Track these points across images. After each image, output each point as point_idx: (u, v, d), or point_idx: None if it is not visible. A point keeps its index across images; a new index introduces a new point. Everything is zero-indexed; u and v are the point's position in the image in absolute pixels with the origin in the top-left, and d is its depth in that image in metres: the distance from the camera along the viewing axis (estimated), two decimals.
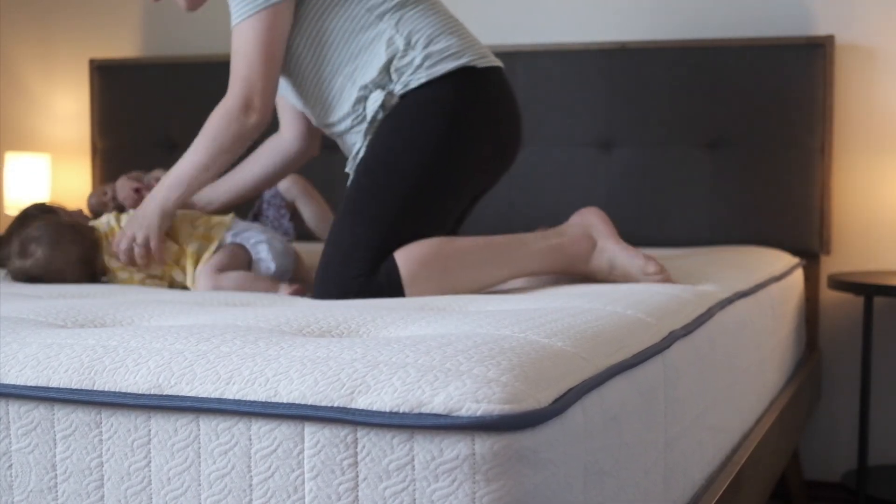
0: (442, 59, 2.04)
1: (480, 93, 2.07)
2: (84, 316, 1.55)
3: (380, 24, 2.06)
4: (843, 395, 3.09)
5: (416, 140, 2.01)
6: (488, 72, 2.10)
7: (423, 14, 2.08)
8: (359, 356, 1.13)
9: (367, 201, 1.98)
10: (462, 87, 2.04)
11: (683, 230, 3.04)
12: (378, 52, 2.05)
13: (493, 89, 2.10)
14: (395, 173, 1.99)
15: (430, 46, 2.05)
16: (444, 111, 2.02)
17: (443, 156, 2.01)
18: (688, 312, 1.70)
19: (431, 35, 2.06)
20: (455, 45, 2.07)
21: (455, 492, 1.01)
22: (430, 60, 2.04)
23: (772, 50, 2.98)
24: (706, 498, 1.63)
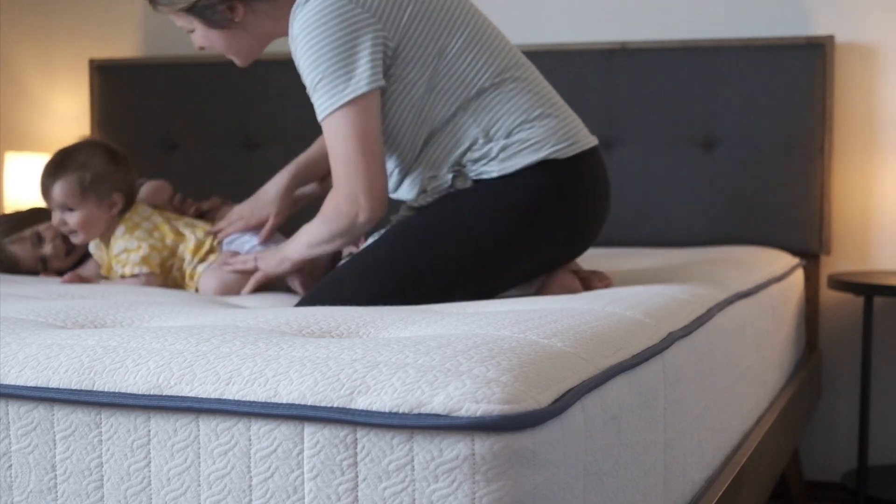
0: (519, 151, 1.89)
1: (558, 189, 1.89)
2: (84, 316, 1.55)
3: (458, 115, 1.91)
4: (843, 395, 3.09)
5: (471, 230, 1.87)
6: (573, 161, 1.92)
7: (506, 100, 1.92)
8: (358, 357, 1.13)
9: (387, 259, 1.88)
10: (537, 184, 1.87)
11: (683, 230, 3.04)
12: (454, 143, 1.92)
13: (577, 181, 1.92)
14: (432, 253, 1.87)
15: (510, 138, 1.89)
16: (510, 211, 1.87)
17: (490, 256, 1.87)
18: (687, 313, 1.70)
19: (511, 125, 1.90)
20: (537, 135, 1.89)
21: (455, 492, 1.01)
22: (505, 153, 1.89)
23: (772, 50, 2.97)
24: (706, 498, 1.63)
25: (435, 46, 1.90)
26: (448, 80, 1.91)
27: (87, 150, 2.30)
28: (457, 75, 1.91)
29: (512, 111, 1.91)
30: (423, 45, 1.89)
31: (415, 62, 1.89)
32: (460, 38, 1.92)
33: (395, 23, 1.86)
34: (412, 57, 1.89)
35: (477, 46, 1.94)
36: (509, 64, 1.97)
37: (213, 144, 3.46)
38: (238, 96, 3.41)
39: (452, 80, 1.91)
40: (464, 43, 1.92)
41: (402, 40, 1.88)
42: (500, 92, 1.93)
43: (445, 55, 1.90)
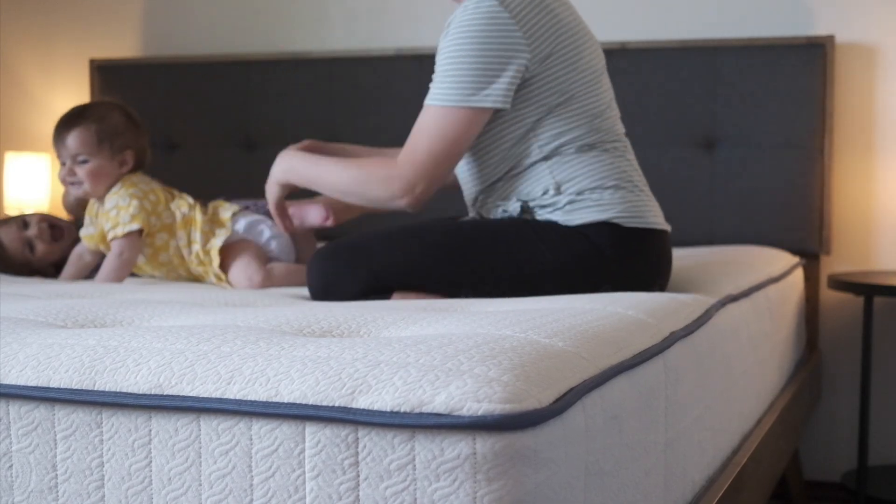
0: (585, 207, 1.90)
1: (616, 251, 1.89)
2: (84, 316, 1.55)
3: (541, 162, 1.93)
4: (843, 395, 3.09)
5: (518, 254, 1.88)
6: (637, 232, 1.92)
7: (588, 163, 1.93)
8: (360, 356, 1.13)
9: (446, 255, 1.90)
10: (597, 240, 1.89)
11: (683, 230, 3.04)
12: (528, 185, 1.93)
13: (636, 249, 1.91)
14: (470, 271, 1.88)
15: (580, 195, 1.91)
16: (562, 251, 1.88)
17: (522, 283, 1.87)
18: (688, 313, 1.70)
19: (584, 187, 1.91)
20: (606, 199, 1.91)
21: (456, 491, 1.01)
22: (571, 206, 1.90)
23: (772, 50, 2.98)
24: (707, 498, 1.63)
25: (558, 95, 1.91)
26: (549, 129, 1.92)
27: (105, 106, 2.37)
28: (558, 129, 1.92)
29: (589, 175, 1.92)
30: (551, 88, 1.90)
31: (535, 101, 1.91)
32: (583, 96, 1.94)
33: (539, 56, 1.88)
34: (536, 95, 1.90)
35: (591, 109, 1.95)
36: (608, 136, 1.98)
37: (213, 144, 3.46)
38: (238, 96, 3.41)
39: (553, 131, 1.92)
40: (582, 103, 1.94)
41: (535, 76, 1.89)
42: (588, 155, 1.93)
43: (561, 107, 1.92)
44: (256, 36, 3.50)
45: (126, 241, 2.25)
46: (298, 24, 3.46)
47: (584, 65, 1.94)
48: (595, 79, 1.97)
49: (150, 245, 2.31)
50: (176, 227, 2.31)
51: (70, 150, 2.29)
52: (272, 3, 3.50)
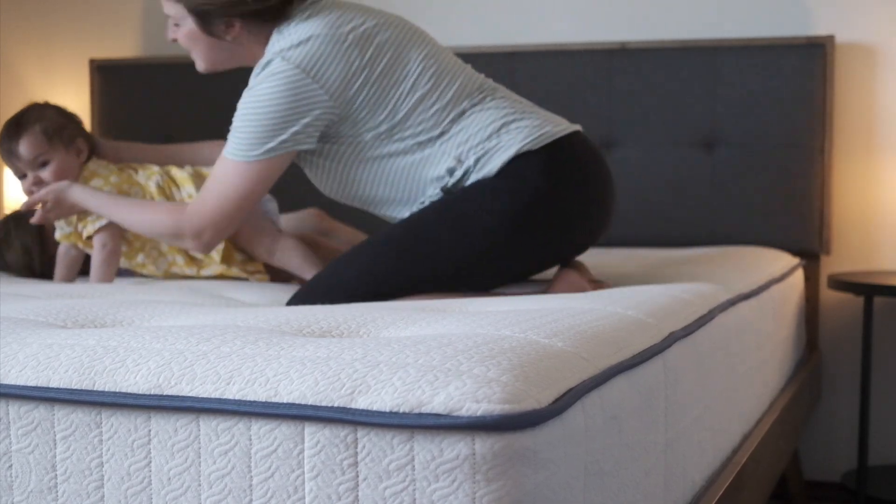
0: (491, 155, 1.94)
1: (542, 178, 1.92)
2: (84, 316, 1.55)
3: (425, 151, 1.97)
4: (843, 395, 3.09)
5: (464, 224, 1.92)
6: (549, 148, 1.95)
7: (468, 125, 1.97)
8: (359, 356, 1.13)
9: (390, 253, 1.93)
10: (520, 178, 1.92)
11: (683, 230, 3.04)
12: (432, 174, 1.97)
13: (558, 163, 1.95)
14: (429, 244, 1.92)
15: (480, 148, 1.94)
16: (498, 205, 1.91)
17: (486, 247, 1.91)
18: (688, 313, 1.70)
19: (479, 140, 1.95)
20: (505, 138, 1.94)
21: (455, 492, 1.01)
22: (480, 162, 1.93)
23: (772, 50, 2.98)
24: (706, 498, 1.63)
25: (387, 109, 1.97)
26: (410, 128, 1.97)
27: (36, 108, 2.37)
28: (418, 124, 1.97)
29: (477, 132, 1.96)
30: (375, 109, 1.96)
31: (365, 125, 1.97)
32: (413, 94, 1.98)
33: (342, 95, 1.94)
34: (363, 119, 1.96)
35: (435, 94, 1.99)
36: (468, 95, 2.01)
37: None
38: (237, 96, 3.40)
39: (415, 128, 1.97)
40: (418, 98, 1.98)
41: (350, 107, 1.95)
42: (464, 121, 1.97)
43: (398, 111, 1.97)
44: None
45: (105, 233, 2.24)
46: None
47: (411, 69, 1.99)
48: (427, 68, 2.00)
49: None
50: (153, 195, 2.30)
51: (26, 158, 2.27)
52: None
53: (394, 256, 1.93)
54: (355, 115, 1.96)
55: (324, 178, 2.05)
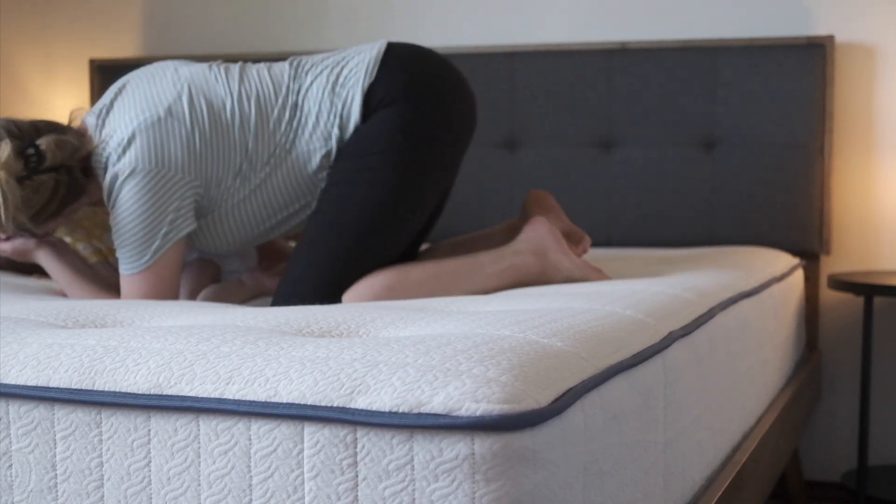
0: (350, 112, 2.01)
1: (406, 96, 2.00)
2: (84, 316, 1.55)
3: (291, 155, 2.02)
4: (843, 395, 3.09)
5: (365, 176, 1.98)
6: (387, 69, 2.02)
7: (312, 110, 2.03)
8: (358, 356, 1.13)
9: (319, 234, 1.97)
10: (382, 108, 2.00)
11: (683, 230, 3.04)
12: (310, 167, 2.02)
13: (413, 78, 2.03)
14: (346, 209, 1.97)
15: (338, 119, 2.01)
16: (383, 140, 1.98)
17: (395, 181, 1.97)
18: (688, 313, 1.70)
19: (330, 115, 2.01)
20: (345, 92, 2.01)
21: (454, 492, 1.01)
22: (343, 124, 2.01)
23: (772, 50, 2.98)
24: (706, 498, 1.63)
25: (237, 150, 2.00)
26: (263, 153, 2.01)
27: None
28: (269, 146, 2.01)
29: (317, 113, 2.01)
30: (227, 158, 1.99)
31: (228, 176, 1.99)
32: (247, 122, 2.01)
33: (192, 167, 1.96)
34: (223, 174, 1.99)
35: (264, 111, 2.03)
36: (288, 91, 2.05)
37: None
38: None
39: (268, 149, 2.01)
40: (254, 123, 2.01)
41: (206, 172, 1.98)
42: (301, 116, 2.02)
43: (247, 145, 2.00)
44: (256, 36, 3.50)
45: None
46: (298, 24, 3.46)
47: (226, 104, 2.02)
48: (240, 96, 2.04)
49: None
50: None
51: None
52: (272, 3, 3.50)
53: (326, 236, 1.96)
54: (214, 175, 1.98)
55: (230, 237, 2.05)
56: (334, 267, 1.94)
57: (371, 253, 1.96)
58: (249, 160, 2.00)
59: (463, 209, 2.43)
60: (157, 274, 1.97)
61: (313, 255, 1.96)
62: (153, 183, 1.93)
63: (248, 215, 2.03)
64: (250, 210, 2.03)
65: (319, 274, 1.94)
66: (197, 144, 1.96)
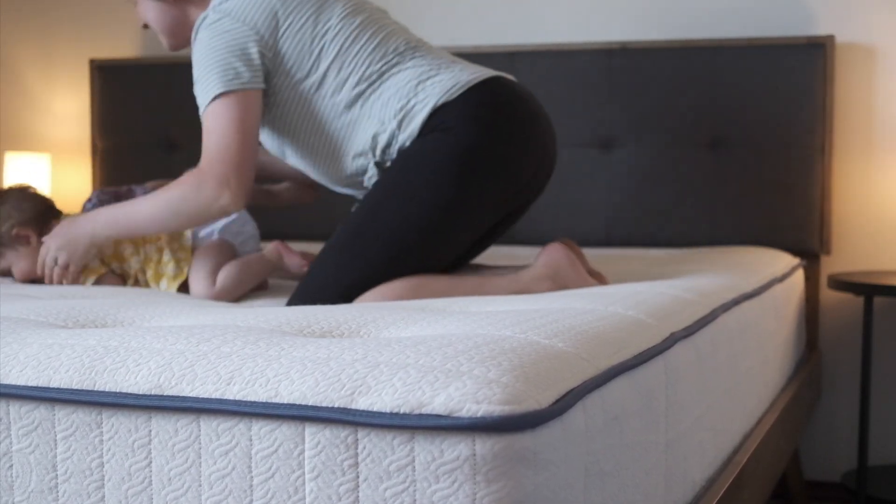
0: (412, 117, 1.99)
1: (461, 121, 1.97)
2: (85, 316, 1.55)
3: (350, 115, 2.03)
4: (843, 395, 3.09)
5: (406, 191, 1.95)
6: (465, 96, 1.99)
7: (388, 87, 2.03)
8: (359, 357, 1.13)
9: (350, 241, 1.96)
10: (442, 127, 1.97)
11: (683, 230, 3.04)
12: (360, 142, 2.03)
13: (473, 107, 1.99)
14: (387, 224, 1.94)
15: (402, 113, 1.99)
16: (433, 162, 1.95)
17: (434, 208, 1.94)
18: (689, 314, 1.70)
19: (400, 105, 2.00)
20: (422, 96, 2.00)
21: (455, 492, 1.01)
22: (402, 125, 1.99)
23: (772, 50, 2.98)
24: (707, 498, 1.63)
25: (311, 59, 2.04)
26: (332, 83, 2.04)
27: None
28: (339, 78, 2.04)
29: (396, 94, 2.01)
30: (300, 59, 2.04)
31: (294, 76, 2.04)
32: (342, 42, 2.05)
33: (269, 40, 2.02)
34: (291, 70, 2.04)
35: (358, 46, 2.06)
36: (390, 56, 2.07)
37: None
38: None
39: (335, 83, 2.04)
40: (341, 51, 2.05)
41: (278, 57, 2.03)
42: (385, 83, 2.03)
43: (327, 61, 2.04)
44: None
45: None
46: None
47: (333, 23, 2.06)
48: (348, 23, 2.07)
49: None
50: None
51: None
52: None
53: (356, 244, 1.95)
54: (284, 65, 2.03)
55: (273, 130, 2.12)
56: (359, 277, 1.91)
57: (404, 266, 1.93)
58: (319, 80, 2.03)
59: None
60: (237, 102, 1.98)
61: (340, 262, 1.94)
62: (231, 29, 2.00)
63: (291, 125, 2.07)
64: (295, 124, 2.07)
65: (341, 284, 1.91)
66: (282, 29, 2.02)
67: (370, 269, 1.92)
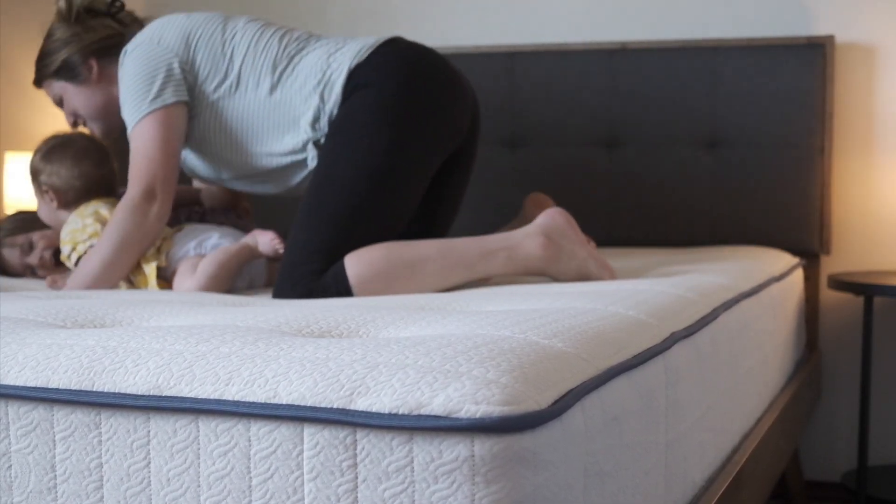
0: (331, 88, 2.15)
1: (387, 77, 2.12)
2: (83, 316, 1.55)
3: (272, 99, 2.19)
4: (843, 395, 3.09)
5: (347, 147, 2.09)
6: (379, 52, 2.16)
7: (304, 67, 2.19)
8: (358, 357, 1.13)
9: (311, 207, 2.07)
10: (361, 88, 2.13)
11: (683, 230, 3.04)
12: (287, 125, 2.18)
13: (394, 71, 2.14)
14: (338, 180, 2.07)
15: (322, 85, 2.16)
16: (364, 115, 2.10)
17: (377, 154, 2.08)
18: (690, 313, 1.70)
19: (316, 77, 2.17)
20: (335, 67, 2.16)
21: (454, 493, 1.01)
22: (326, 94, 2.15)
23: (772, 50, 2.97)
24: (706, 498, 1.63)
25: (225, 61, 2.22)
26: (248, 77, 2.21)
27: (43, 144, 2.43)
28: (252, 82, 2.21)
29: (306, 73, 2.18)
30: (215, 64, 2.22)
31: (213, 81, 2.21)
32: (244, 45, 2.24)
33: (184, 54, 2.21)
34: (209, 76, 2.21)
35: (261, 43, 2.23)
36: (287, 49, 2.24)
37: None
38: None
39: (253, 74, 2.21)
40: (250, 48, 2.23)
41: (194, 66, 2.21)
42: (295, 67, 2.20)
43: (234, 62, 2.21)
44: None
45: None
46: (298, 24, 3.46)
47: (238, 27, 2.26)
48: (252, 21, 2.28)
49: None
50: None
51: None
52: (272, 3, 3.50)
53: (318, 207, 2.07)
54: (202, 73, 2.20)
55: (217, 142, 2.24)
56: (329, 236, 2.02)
57: (366, 216, 2.05)
58: (237, 77, 2.20)
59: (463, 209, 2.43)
60: (159, 120, 2.15)
61: (308, 227, 2.05)
62: (148, 51, 2.19)
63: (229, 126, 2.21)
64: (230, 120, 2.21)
65: (320, 240, 2.02)
66: (194, 41, 2.21)
67: (337, 227, 2.03)
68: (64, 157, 2.36)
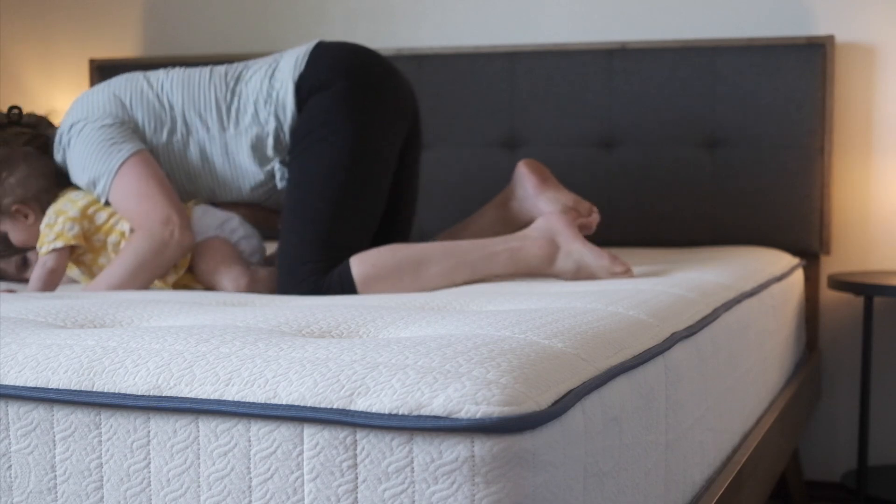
0: (284, 97, 2.19)
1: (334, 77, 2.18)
2: (83, 316, 1.55)
3: (227, 134, 2.22)
4: (843, 395, 3.09)
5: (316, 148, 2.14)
6: (315, 58, 2.20)
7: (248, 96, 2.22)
8: (358, 357, 1.12)
9: (294, 208, 2.12)
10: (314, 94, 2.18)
11: (683, 230, 3.04)
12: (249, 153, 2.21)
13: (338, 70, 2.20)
14: (316, 176, 2.12)
15: (271, 106, 2.20)
16: (322, 116, 2.15)
17: (346, 146, 2.13)
18: (691, 314, 1.70)
19: (262, 99, 2.20)
20: (279, 82, 2.20)
21: (454, 494, 1.01)
22: (279, 112, 2.19)
23: (772, 50, 2.97)
24: (706, 498, 1.63)
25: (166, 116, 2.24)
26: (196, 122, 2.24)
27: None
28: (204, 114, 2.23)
29: (254, 98, 2.21)
30: (156, 119, 2.24)
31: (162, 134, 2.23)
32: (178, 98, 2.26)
33: (124, 114, 2.23)
34: (155, 131, 2.23)
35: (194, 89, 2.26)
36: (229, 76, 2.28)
37: None
38: None
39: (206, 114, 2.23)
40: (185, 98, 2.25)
41: (137, 125, 2.23)
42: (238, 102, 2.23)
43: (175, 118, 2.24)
44: (256, 36, 3.50)
45: (54, 254, 2.16)
46: (298, 25, 3.46)
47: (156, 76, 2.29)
48: (169, 69, 2.31)
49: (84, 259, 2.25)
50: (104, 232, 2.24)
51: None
52: (272, 4, 3.50)
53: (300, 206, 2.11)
54: (147, 130, 2.22)
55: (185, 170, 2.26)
56: (317, 229, 2.06)
57: (350, 203, 2.10)
58: (186, 127, 2.22)
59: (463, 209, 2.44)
60: (136, 165, 2.15)
61: (297, 223, 2.09)
62: (88, 126, 2.19)
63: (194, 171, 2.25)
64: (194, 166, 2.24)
65: (307, 243, 2.06)
66: (128, 103, 2.23)
67: (324, 221, 2.08)
68: (11, 166, 2.25)
